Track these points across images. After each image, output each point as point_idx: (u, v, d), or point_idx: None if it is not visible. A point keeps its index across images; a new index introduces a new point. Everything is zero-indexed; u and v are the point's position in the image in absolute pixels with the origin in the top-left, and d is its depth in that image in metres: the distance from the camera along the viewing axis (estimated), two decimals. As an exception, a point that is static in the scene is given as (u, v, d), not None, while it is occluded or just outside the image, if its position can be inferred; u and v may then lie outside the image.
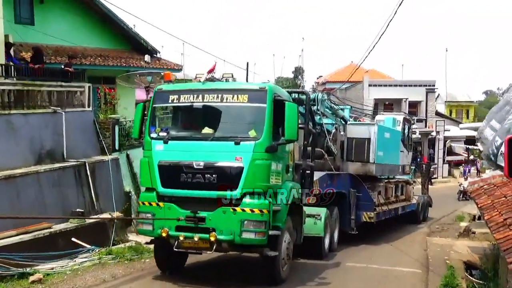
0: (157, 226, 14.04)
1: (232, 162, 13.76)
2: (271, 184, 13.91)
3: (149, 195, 14.31)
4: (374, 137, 21.58)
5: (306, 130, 16.19)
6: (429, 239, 23.28)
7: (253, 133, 13.82)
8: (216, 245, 13.68)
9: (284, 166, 14.71)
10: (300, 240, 15.87)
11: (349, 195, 20.73)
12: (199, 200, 13.92)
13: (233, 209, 13.66)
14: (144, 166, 14.39)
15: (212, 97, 14.26)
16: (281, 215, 14.22)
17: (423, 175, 32.37)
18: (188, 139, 14.39)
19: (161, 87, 15.00)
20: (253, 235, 13.56)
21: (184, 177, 13.97)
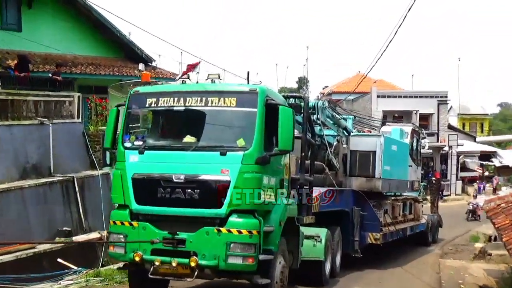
0: (129, 249, 12.20)
1: (217, 176, 11.97)
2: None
3: (121, 213, 12.49)
4: (380, 149, 19.60)
5: (304, 140, 14.36)
6: (442, 261, 21.65)
7: (241, 142, 12.01)
8: (198, 271, 11.85)
9: (278, 180, 12.90)
10: (297, 265, 14.03)
11: (352, 213, 18.76)
12: (179, 219, 12.13)
13: (217, 230, 11.85)
14: (116, 180, 12.59)
15: (195, 101, 12.46)
16: (274, 237, 12.41)
17: (433, 192, 30.13)
18: (167, 149, 12.59)
19: (137, 89, 13.17)
20: (240, 260, 11.73)
21: (162, 192, 12.16)
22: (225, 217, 11.84)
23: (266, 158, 12.04)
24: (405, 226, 22.61)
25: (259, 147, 11.94)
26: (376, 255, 20.19)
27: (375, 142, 19.66)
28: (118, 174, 12.53)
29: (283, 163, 13.16)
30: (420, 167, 25.22)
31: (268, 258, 12.06)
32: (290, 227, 13.36)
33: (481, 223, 32.99)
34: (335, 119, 18.80)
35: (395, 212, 21.96)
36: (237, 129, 12.35)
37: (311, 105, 17.59)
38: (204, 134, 12.58)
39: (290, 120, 12.10)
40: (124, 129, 12.79)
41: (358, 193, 19.25)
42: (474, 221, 35.19)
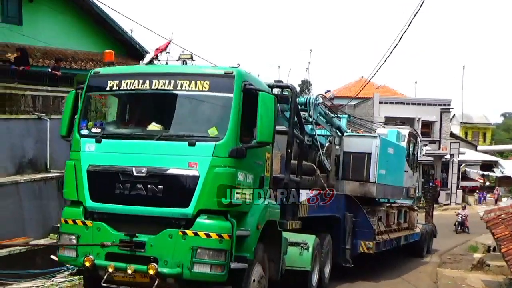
0: (82, 253, 9.84)
1: (183, 169, 9.65)
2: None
3: (73, 210, 10.14)
4: (376, 152, 16.95)
5: (291, 134, 11.92)
6: (440, 271, 19.79)
7: (214, 131, 9.70)
8: (159, 281, 9.46)
9: (257, 178, 10.52)
10: (278, 276, 11.54)
11: (344, 220, 16.25)
12: (139, 220, 9.79)
13: (182, 233, 9.51)
14: (69, 172, 10.22)
15: (163, 84, 10.09)
16: (250, 243, 10.03)
17: (428, 200, 27.38)
18: (128, 138, 10.20)
19: (97, 70, 10.74)
20: (207, 269, 9.40)
21: (120, 187, 9.84)
22: (192, 218, 9.53)
23: (242, 151, 9.70)
24: (399, 235, 20.01)
25: (233, 137, 9.64)
26: (368, 265, 17.77)
27: (371, 144, 17.07)
28: (71, 165, 10.18)
29: (264, 158, 10.79)
30: (417, 173, 22.42)
31: (241, 267, 9.73)
32: (271, 232, 11.00)
33: (470, 235, 31.06)
34: (328, 117, 16.26)
35: (389, 220, 19.36)
36: (209, 117, 10.04)
37: (303, 101, 15.23)
38: (172, 121, 10.22)
39: (271, 108, 9.79)
40: (82, 114, 10.43)
41: (351, 198, 16.68)
42: (462, 233, 32.56)
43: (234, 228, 9.50)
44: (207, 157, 9.46)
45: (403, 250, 21.43)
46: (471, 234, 31.23)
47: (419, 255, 22.59)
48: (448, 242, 26.51)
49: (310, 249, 13.68)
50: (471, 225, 33.05)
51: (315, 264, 14.27)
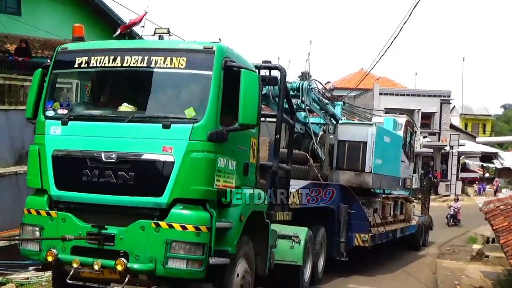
0: (46, 246, 8.39)
1: (156, 155, 8.21)
2: (216, 189, 8.32)
3: (37, 199, 8.67)
4: (372, 140, 15.39)
5: (279, 118, 10.38)
6: (438, 262, 18.69)
7: (191, 112, 8.25)
8: (130, 277, 8.05)
9: (241, 165, 9.07)
10: (264, 271, 10.05)
11: (338, 211, 14.70)
12: (109, 210, 8.37)
13: (155, 224, 8.08)
14: (33, 158, 8.77)
15: (136, 60, 8.57)
16: (232, 236, 8.61)
17: (424, 192, 25.71)
18: (96, 120, 8.74)
19: (65, 46, 9.21)
20: (183, 264, 7.98)
21: (88, 174, 8.38)
22: (166, 208, 8.13)
23: (222, 134, 8.29)
24: (395, 228, 18.34)
25: (213, 119, 8.21)
26: (363, 259, 16.29)
27: (366, 132, 15.50)
28: (35, 150, 8.74)
29: (249, 144, 9.35)
30: (413, 164, 20.74)
31: (222, 263, 8.32)
32: (257, 225, 9.59)
33: (461, 228, 29.46)
34: (322, 104, 14.76)
35: (385, 211, 17.71)
36: (186, 97, 8.58)
37: (295, 86, 13.75)
38: (145, 102, 8.75)
39: (255, 87, 8.39)
40: (47, 94, 8.94)
41: (346, 188, 15.11)
42: (454, 227, 30.53)
43: (214, 220, 8.09)
44: (183, 140, 8.05)
45: (399, 243, 19.82)
46: (462, 228, 29.68)
47: (415, 248, 21.01)
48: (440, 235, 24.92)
49: (302, 242, 12.26)
50: (464, 217, 31.24)
51: (308, 258, 12.87)
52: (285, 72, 10.32)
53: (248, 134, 9.21)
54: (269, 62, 10.43)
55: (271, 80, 10.35)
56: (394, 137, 17.53)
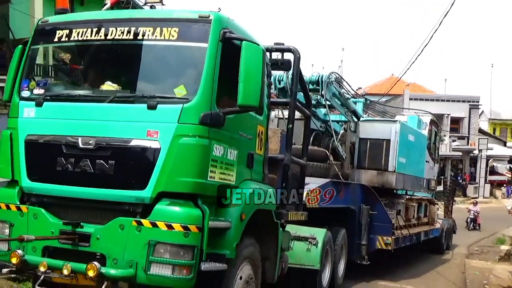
0: (15, 246, 6.47)
1: (140, 140, 6.24)
2: (211, 182, 6.30)
3: (8, 192, 6.79)
4: (396, 138, 13.25)
5: (292, 105, 8.31)
6: (467, 262, 17.17)
7: (181, 90, 6.30)
8: (108, 284, 6.06)
9: (244, 155, 7.03)
10: (273, 278, 8.00)
11: (360, 212, 12.57)
12: (86, 205, 6.44)
13: (136, 222, 6.10)
14: (4, 144, 6.87)
15: (121, 32, 6.59)
16: (231, 237, 6.58)
17: (447, 195, 23.33)
18: (74, 100, 6.80)
19: (46, 18, 7.25)
20: (168, 271, 5.99)
21: (63, 163, 6.46)
22: (150, 203, 6.14)
23: (219, 117, 6.30)
24: (419, 230, 16.03)
25: (206, 99, 6.22)
26: (385, 263, 14.04)
27: (390, 129, 13.30)
28: (7, 135, 6.85)
29: (255, 132, 7.32)
30: (437, 165, 18.37)
31: (217, 269, 6.34)
32: (265, 225, 7.62)
33: (481, 233, 26.66)
34: (343, 99, 12.70)
35: (408, 213, 15.47)
36: (177, 73, 6.61)
37: (314, 79, 11.72)
38: (131, 79, 6.81)
39: (258, 62, 6.35)
40: (24, 73, 7.02)
41: (368, 188, 12.95)
42: (474, 231, 27.50)
43: (206, 218, 6.09)
44: (170, 123, 6.12)
45: (421, 246, 17.42)
46: (482, 232, 26.91)
47: (439, 251, 18.54)
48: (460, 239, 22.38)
49: (320, 244, 10.22)
50: (486, 220, 28.44)
51: (326, 262, 10.80)
52: (299, 54, 8.28)
53: (254, 121, 7.25)
54: (282, 44, 8.43)
55: (284, 64, 8.37)
56: (419, 136, 15.24)
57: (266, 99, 7.62)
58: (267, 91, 7.64)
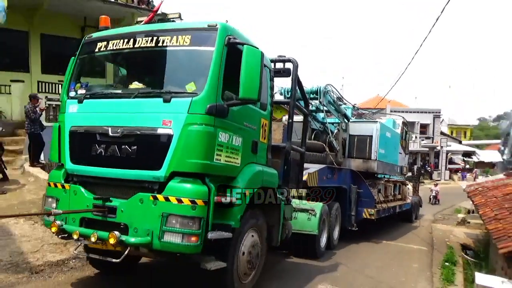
0: (59, 217, 5.20)
1: (156, 128, 4.90)
2: (216, 163, 4.90)
3: (57, 173, 5.53)
4: (376, 134, 11.65)
5: (292, 105, 6.89)
6: (433, 225, 15.95)
7: (191, 86, 4.93)
8: (131, 250, 4.79)
9: (248, 142, 5.61)
10: (277, 242, 6.57)
11: (350, 190, 11.01)
12: (115, 183, 5.09)
13: (153, 197, 4.76)
14: (55, 134, 5.63)
15: (146, 41, 5.33)
16: (235, 210, 5.18)
17: (414, 178, 21.48)
18: (107, 97, 5.47)
19: (91, 34, 6.01)
20: (179, 239, 4.65)
21: (97, 149, 5.17)
22: (165, 181, 4.78)
23: (223, 108, 4.94)
24: (395, 204, 14.14)
25: (212, 93, 4.87)
26: (368, 230, 12.22)
27: (372, 128, 11.71)
28: (56, 127, 5.61)
29: (259, 124, 5.89)
30: (407, 156, 16.57)
31: (223, 237, 4.97)
32: (270, 200, 6.15)
33: (441, 206, 24.27)
34: (336, 105, 11.11)
35: (387, 192, 13.71)
36: (190, 73, 5.22)
37: (314, 89, 10.18)
38: (153, 79, 5.50)
39: (256, 62, 4.97)
40: (72, 77, 5.79)
41: (356, 172, 11.38)
42: (435, 205, 25.00)
43: (212, 194, 4.75)
44: (182, 114, 4.79)
45: (396, 217, 15.28)
46: (441, 205, 24.44)
47: (410, 220, 16.56)
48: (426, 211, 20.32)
49: (318, 215, 8.73)
50: (444, 197, 25.94)
51: (324, 228, 9.31)
52: (297, 63, 6.85)
53: (258, 114, 5.83)
54: (284, 56, 6.99)
55: (285, 72, 6.94)
56: (393, 133, 13.51)
57: (270, 98, 6.19)
58: (270, 92, 6.21)
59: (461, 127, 69.04)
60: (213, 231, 4.81)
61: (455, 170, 48.84)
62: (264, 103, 5.93)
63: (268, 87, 6.11)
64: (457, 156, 52.91)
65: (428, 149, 45.43)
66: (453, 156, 52.13)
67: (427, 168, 42.30)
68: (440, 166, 45.96)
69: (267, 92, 6.06)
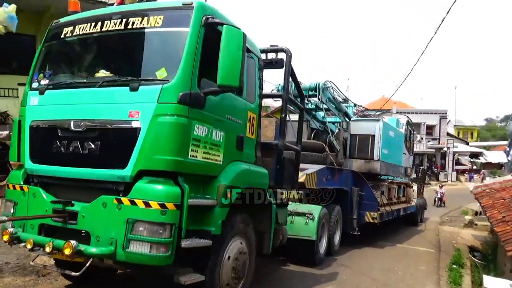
0: (17, 224, 4.46)
1: (122, 121, 4.10)
2: (191, 160, 4.10)
3: (16, 174, 4.74)
4: (379, 133, 10.75)
5: (285, 99, 6.10)
6: (440, 227, 15.39)
7: (162, 72, 4.13)
8: (94, 261, 4.00)
9: (232, 138, 4.81)
10: (268, 250, 5.74)
11: (351, 193, 10.19)
12: (78, 184, 4.29)
13: (117, 201, 3.94)
14: (14, 130, 4.84)
15: (114, 24, 4.53)
16: (217, 214, 4.37)
17: (419, 180, 20.54)
18: (70, 87, 4.63)
19: (58, 20, 5.22)
20: (146, 248, 3.82)
21: (58, 146, 4.37)
22: (131, 181, 3.98)
23: (199, 98, 4.14)
24: (399, 207, 13.22)
25: (186, 80, 4.07)
26: (371, 234, 11.37)
27: (374, 126, 10.80)
28: (16, 122, 4.86)
29: (245, 117, 5.10)
30: (412, 157, 15.66)
31: (200, 245, 4.18)
32: (260, 202, 5.35)
33: (446, 208, 23.22)
34: (337, 102, 10.27)
35: (390, 194, 12.78)
36: (161, 57, 4.42)
37: (313, 86, 9.37)
38: (121, 66, 4.73)
39: (237, 45, 4.19)
40: (36, 67, 5.02)
41: (357, 173, 10.52)
42: (441, 207, 23.83)
43: (185, 196, 3.96)
44: (150, 103, 4.03)
45: (401, 220, 14.27)
46: (447, 208, 23.36)
47: (415, 224, 15.57)
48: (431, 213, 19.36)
49: (316, 219, 7.90)
50: (451, 198, 24.69)
51: (323, 233, 8.50)
52: (291, 53, 6.09)
53: (243, 107, 5.05)
54: (276, 46, 6.24)
55: (278, 62, 6.18)
56: (397, 133, 12.59)
57: (258, 90, 5.43)
58: (259, 83, 5.45)
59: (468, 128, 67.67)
60: (188, 238, 4.06)
61: (462, 171, 47.70)
62: (251, 94, 5.19)
63: (256, 77, 5.36)
64: (464, 157, 51.79)
65: (435, 151, 44.32)
66: (460, 157, 51.03)
67: (433, 169, 41.21)
68: (447, 167, 44.84)
69: (255, 83, 5.31)
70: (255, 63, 5.30)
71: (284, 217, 6.48)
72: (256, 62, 5.34)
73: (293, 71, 6.29)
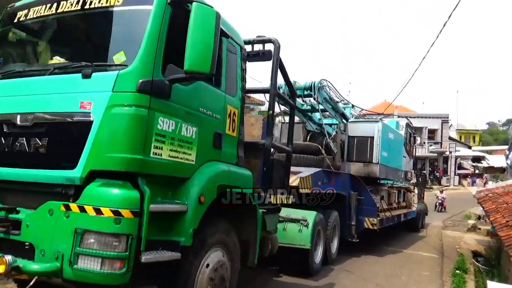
0: None
1: (72, 113, 3.33)
2: (154, 159, 3.36)
3: None
4: (378, 135, 10.00)
5: (273, 94, 5.35)
6: (443, 232, 15.01)
7: (120, 57, 3.38)
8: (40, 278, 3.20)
9: (208, 135, 4.06)
10: (253, 261, 4.95)
11: (349, 198, 9.38)
12: (23, 188, 3.51)
13: (65, 207, 3.15)
14: None
15: (70, 4, 3.78)
16: (187, 222, 3.59)
17: (419, 184, 19.69)
18: (19, 76, 3.86)
19: (14, 3, 4.44)
20: (97, 265, 3.02)
21: (2, 143, 3.62)
22: (82, 184, 3.21)
23: (162, 85, 3.38)
24: (399, 213, 12.39)
25: (147, 64, 3.32)
26: (370, 241, 10.51)
27: (373, 128, 10.04)
28: None
29: (224, 112, 4.34)
30: (412, 160, 14.87)
31: (163, 259, 3.35)
32: (242, 208, 4.63)
33: (447, 213, 22.32)
34: (333, 103, 9.50)
35: (390, 199, 12.02)
36: (121, 40, 3.67)
37: (308, 85, 8.64)
38: (77, 51, 4.00)
39: (209, 25, 3.44)
40: None
41: (356, 177, 9.78)
42: (441, 212, 22.91)
43: (146, 201, 3.22)
44: (104, 92, 3.30)
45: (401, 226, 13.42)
46: (448, 213, 22.45)
47: (415, 230, 14.76)
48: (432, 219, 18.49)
49: (310, 225, 7.17)
50: (454, 203, 23.86)
51: (319, 241, 7.75)
52: (279, 44, 5.40)
53: (222, 100, 4.34)
54: (263, 37, 5.55)
55: (265, 54, 5.48)
56: (397, 135, 11.79)
57: (241, 82, 4.73)
58: (241, 74, 4.75)
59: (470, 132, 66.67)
60: (151, 251, 3.35)
61: (464, 176, 46.72)
62: (232, 87, 4.49)
63: (238, 67, 4.66)
64: (466, 162, 50.81)
65: (437, 155, 43.42)
66: (462, 161, 50.07)
67: (435, 173, 40.26)
68: (449, 171, 43.86)
69: (236, 73, 4.62)
70: (236, 51, 4.61)
71: (274, 224, 5.75)
72: (237, 51, 4.65)
73: (282, 63, 5.59)
